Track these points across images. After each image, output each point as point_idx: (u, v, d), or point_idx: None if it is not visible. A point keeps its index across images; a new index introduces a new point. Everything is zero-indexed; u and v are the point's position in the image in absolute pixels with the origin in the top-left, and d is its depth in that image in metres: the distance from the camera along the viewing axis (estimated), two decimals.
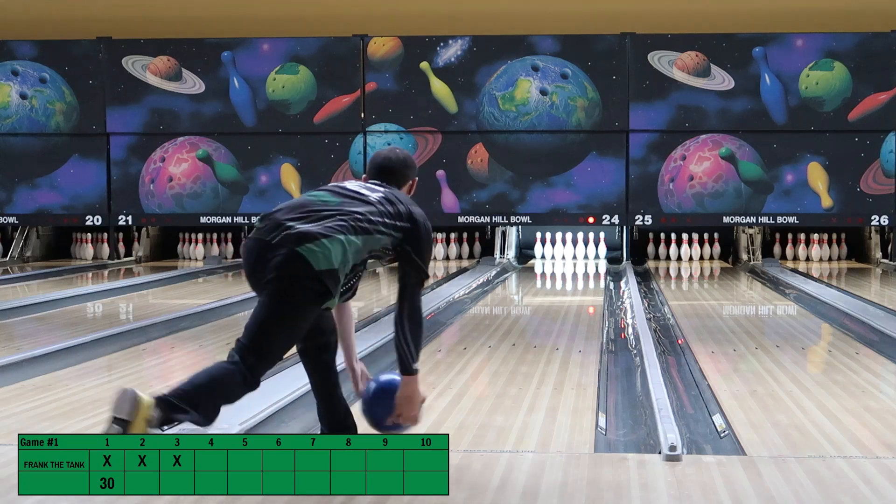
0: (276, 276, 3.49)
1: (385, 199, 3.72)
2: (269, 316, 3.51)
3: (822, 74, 12.88)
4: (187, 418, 3.35)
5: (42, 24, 13.84)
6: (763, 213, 13.04)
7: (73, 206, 13.67)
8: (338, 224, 3.56)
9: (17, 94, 13.67)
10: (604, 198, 13.16)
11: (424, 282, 3.79)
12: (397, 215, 3.70)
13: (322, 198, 3.69)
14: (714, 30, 13.03)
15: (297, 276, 3.49)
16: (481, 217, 13.32)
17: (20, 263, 13.73)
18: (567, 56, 13.08)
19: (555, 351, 6.53)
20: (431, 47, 13.13)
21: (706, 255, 13.87)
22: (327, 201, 3.67)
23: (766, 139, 12.97)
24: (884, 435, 4.31)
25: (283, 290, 3.49)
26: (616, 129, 13.10)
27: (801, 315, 8.58)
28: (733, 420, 4.58)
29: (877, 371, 5.90)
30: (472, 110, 13.13)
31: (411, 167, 4.05)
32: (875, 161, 12.90)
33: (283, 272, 3.49)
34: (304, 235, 3.50)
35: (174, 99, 13.48)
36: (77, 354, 6.21)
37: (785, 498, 3.42)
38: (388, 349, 6.39)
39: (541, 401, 5.00)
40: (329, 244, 3.50)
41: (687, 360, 6.25)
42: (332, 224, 3.55)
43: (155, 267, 13.22)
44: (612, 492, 3.48)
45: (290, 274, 3.49)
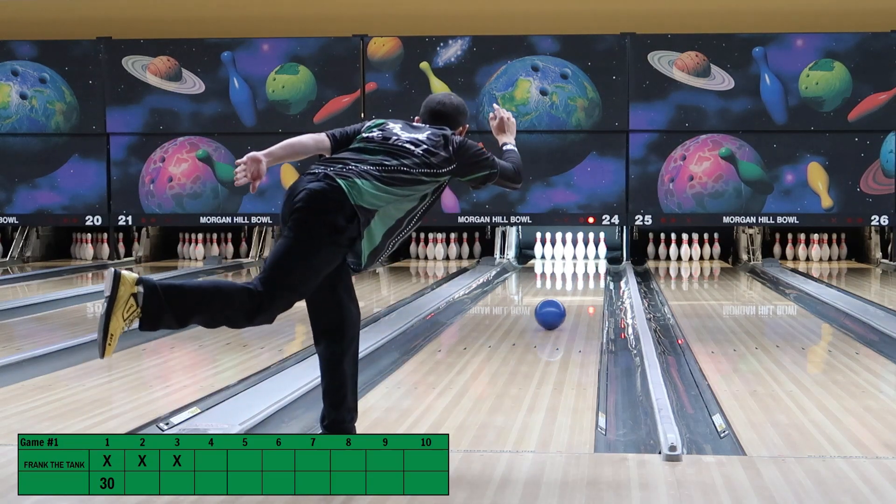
0: (300, 206, 3.61)
1: (428, 152, 3.84)
2: (284, 246, 3.61)
3: (822, 74, 12.88)
4: (169, 312, 3.44)
5: (42, 24, 13.84)
6: (763, 213, 13.04)
7: (73, 206, 13.67)
8: (372, 171, 3.71)
9: (17, 94, 13.67)
10: (604, 198, 13.16)
11: (495, 175, 4.09)
12: (440, 163, 3.85)
13: (367, 149, 3.83)
14: (714, 30, 13.03)
15: (319, 210, 3.60)
16: (481, 217, 13.32)
17: (20, 263, 13.73)
18: (567, 56, 13.08)
19: (555, 351, 6.53)
20: (431, 47, 13.13)
21: (706, 255, 13.87)
22: (367, 155, 3.81)
23: (766, 139, 12.98)
24: (884, 435, 4.31)
25: (301, 221, 3.60)
26: (616, 129, 13.10)
27: (801, 315, 8.58)
28: (733, 420, 4.58)
29: (877, 371, 5.90)
30: (472, 110, 13.13)
31: (463, 113, 4.16)
32: (875, 161, 12.90)
33: (307, 203, 3.61)
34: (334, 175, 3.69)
35: (174, 99, 13.48)
36: (77, 354, 6.21)
37: (785, 498, 3.42)
38: (389, 349, 6.42)
39: (541, 401, 5.00)
40: (360, 183, 3.65)
41: (687, 360, 6.24)
42: (367, 169, 3.72)
43: (155, 267, 13.22)
44: (612, 492, 3.48)
45: (312, 206, 3.60)
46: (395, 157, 3.77)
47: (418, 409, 4.84)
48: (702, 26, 13.10)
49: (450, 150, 3.87)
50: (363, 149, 3.83)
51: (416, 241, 14.05)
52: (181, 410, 4.69)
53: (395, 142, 3.83)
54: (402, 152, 3.79)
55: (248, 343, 6.84)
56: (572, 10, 13.36)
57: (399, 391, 5.27)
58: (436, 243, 13.97)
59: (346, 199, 3.60)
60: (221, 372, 5.85)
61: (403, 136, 3.87)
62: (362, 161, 3.74)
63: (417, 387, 5.38)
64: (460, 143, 3.93)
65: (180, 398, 5.06)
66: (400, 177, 3.72)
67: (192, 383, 5.50)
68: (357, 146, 3.86)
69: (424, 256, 13.96)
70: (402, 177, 3.73)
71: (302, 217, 3.60)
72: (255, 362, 6.06)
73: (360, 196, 3.63)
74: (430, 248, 13.97)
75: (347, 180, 3.64)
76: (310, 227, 3.58)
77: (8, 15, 13.90)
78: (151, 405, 4.93)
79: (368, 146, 3.84)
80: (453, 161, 3.86)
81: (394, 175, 3.71)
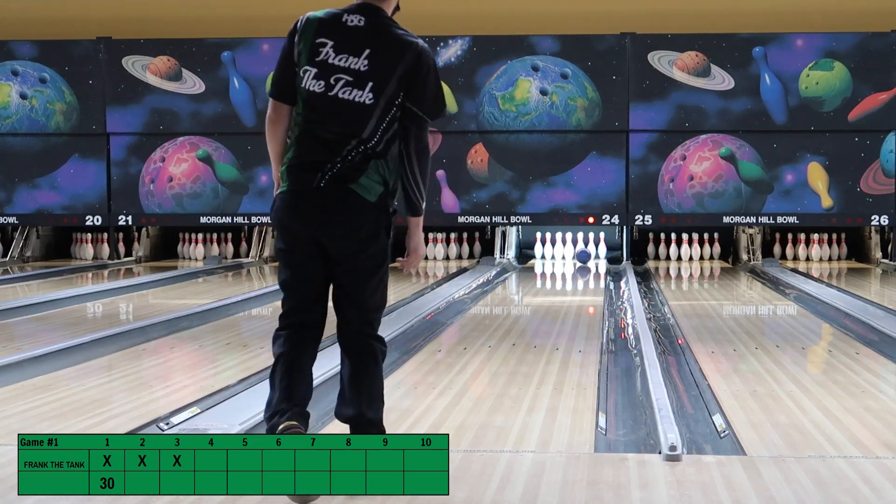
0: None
1: (378, 91, 3.48)
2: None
3: (822, 74, 12.88)
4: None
5: (42, 24, 13.84)
6: (763, 213, 13.04)
7: (73, 206, 13.68)
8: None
9: (17, 94, 13.67)
10: (604, 198, 13.16)
11: (427, 124, 3.60)
12: (390, 98, 3.50)
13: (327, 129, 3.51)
14: (714, 30, 13.03)
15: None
16: (481, 217, 13.32)
17: (20, 263, 13.73)
18: (567, 56, 13.08)
19: (555, 351, 6.53)
20: (431, 47, 13.05)
21: (706, 255, 13.87)
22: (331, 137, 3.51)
23: (766, 139, 12.98)
24: (884, 435, 4.31)
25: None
26: (616, 129, 13.10)
27: (801, 315, 8.58)
28: (733, 420, 4.58)
29: (877, 371, 5.90)
30: (472, 110, 13.13)
31: None
32: (875, 161, 12.90)
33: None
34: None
35: (174, 99, 13.48)
36: (77, 354, 6.21)
37: (785, 498, 3.42)
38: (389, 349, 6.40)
39: (541, 401, 5.00)
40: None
41: (687, 360, 6.24)
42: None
43: (155, 267, 13.22)
44: (612, 492, 3.48)
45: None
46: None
47: (418, 409, 4.84)
48: (702, 26, 13.10)
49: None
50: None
51: None
52: (181, 410, 4.69)
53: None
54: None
55: (248, 343, 6.84)
56: (572, 10, 13.36)
57: (399, 391, 5.27)
58: (436, 243, 13.98)
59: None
60: (221, 372, 5.85)
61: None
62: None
63: (417, 387, 5.38)
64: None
65: (180, 398, 5.06)
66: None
67: (192, 383, 5.50)
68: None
69: (424, 256, 13.95)
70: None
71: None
72: (255, 362, 6.06)
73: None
74: (430, 248, 13.97)
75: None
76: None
77: (8, 15, 13.89)
78: (151, 405, 4.93)
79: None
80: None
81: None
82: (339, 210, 3.49)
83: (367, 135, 3.49)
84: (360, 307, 3.58)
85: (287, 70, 3.57)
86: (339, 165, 3.49)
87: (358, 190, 3.50)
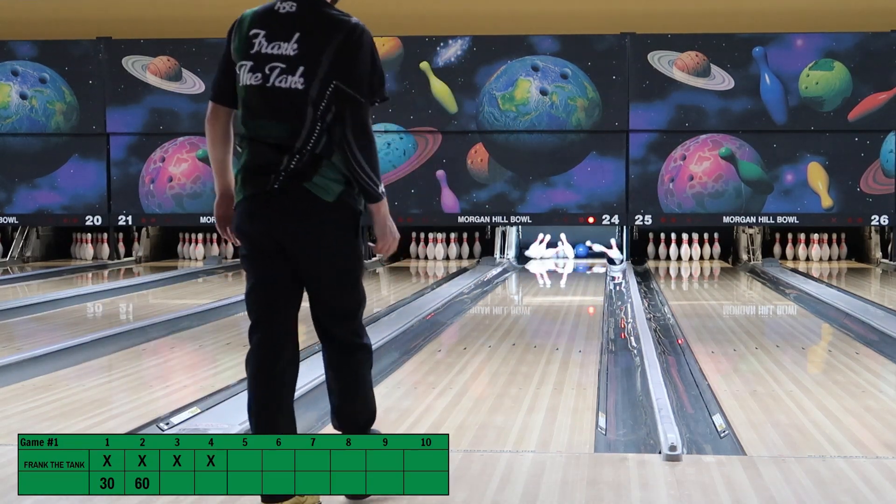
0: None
1: (309, 74, 3.28)
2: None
3: (822, 74, 12.88)
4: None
5: (42, 24, 13.84)
6: (763, 213, 13.04)
7: (73, 206, 13.68)
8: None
9: (17, 94, 13.67)
10: (604, 198, 13.16)
11: (367, 106, 3.33)
12: (323, 80, 3.28)
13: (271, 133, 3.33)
14: (714, 30, 13.03)
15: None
16: (481, 217, 13.32)
17: (20, 263, 13.73)
18: (567, 56, 13.08)
19: (555, 351, 6.53)
20: (431, 47, 13.13)
21: (706, 255, 13.87)
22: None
23: (766, 139, 12.98)
24: (884, 435, 4.31)
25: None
26: (616, 129, 13.10)
27: (801, 315, 8.58)
28: (733, 420, 4.58)
29: (877, 371, 5.90)
30: (472, 110, 13.13)
31: None
32: (875, 161, 12.90)
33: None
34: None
35: (174, 99, 13.48)
36: (77, 354, 6.21)
37: (785, 498, 3.42)
38: (389, 349, 6.42)
39: (541, 401, 5.00)
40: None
41: (687, 360, 6.24)
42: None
43: (155, 267, 13.22)
44: (612, 492, 3.48)
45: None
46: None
47: (418, 409, 4.84)
48: (702, 26, 13.10)
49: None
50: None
51: (416, 241, 14.05)
52: (181, 410, 4.69)
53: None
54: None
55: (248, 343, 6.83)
56: (572, 10, 13.36)
57: (399, 391, 5.27)
58: (436, 243, 13.97)
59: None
60: (221, 372, 5.85)
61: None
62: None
63: (417, 387, 5.38)
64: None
65: (180, 398, 5.06)
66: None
67: (192, 383, 5.50)
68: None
69: (424, 256, 13.96)
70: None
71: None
72: None
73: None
74: (430, 248, 13.97)
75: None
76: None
77: (8, 15, 13.90)
78: (151, 405, 4.93)
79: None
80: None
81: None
82: (294, 212, 3.29)
83: (308, 124, 3.27)
84: (331, 314, 3.41)
85: (225, 70, 3.41)
86: (292, 165, 3.28)
87: (313, 189, 3.29)
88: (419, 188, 13.27)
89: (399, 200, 13.19)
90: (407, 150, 13.25)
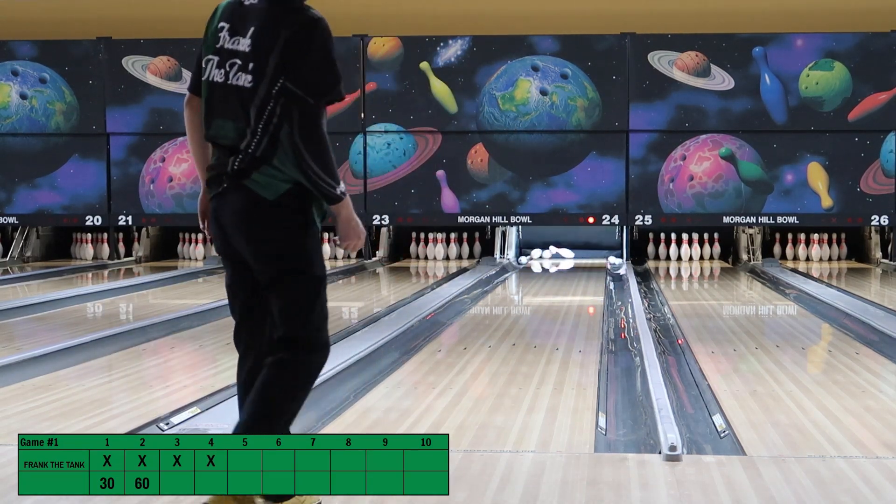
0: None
1: (258, 72, 3.14)
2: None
3: (822, 74, 12.88)
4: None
5: (42, 24, 13.84)
6: (763, 213, 13.04)
7: (73, 206, 13.67)
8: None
9: (17, 94, 13.66)
10: (604, 198, 13.16)
11: (320, 106, 3.14)
12: (272, 78, 3.12)
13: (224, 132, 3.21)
14: (714, 30, 13.03)
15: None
16: (481, 217, 13.32)
17: (20, 263, 13.73)
18: (567, 56, 13.08)
19: (555, 351, 6.53)
20: (431, 47, 13.13)
21: (706, 255, 13.87)
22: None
23: (766, 139, 12.97)
24: (884, 435, 4.31)
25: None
26: (616, 129, 13.10)
27: (801, 315, 8.58)
28: (733, 420, 4.58)
29: (877, 371, 5.90)
30: (472, 110, 13.13)
31: None
32: (875, 161, 12.90)
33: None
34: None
35: (174, 99, 13.47)
36: (77, 354, 6.21)
37: (785, 498, 3.42)
38: (389, 349, 6.42)
39: (541, 401, 5.00)
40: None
41: (687, 360, 6.25)
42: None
43: (155, 267, 13.22)
44: (612, 492, 3.48)
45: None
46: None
47: (418, 409, 4.84)
48: (702, 26, 13.10)
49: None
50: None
51: (416, 241, 14.05)
52: (181, 410, 4.69)
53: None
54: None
55: None
56: (572, 10, 13.36)
57: (399, 391, 5.27)
58: (436, 243, 13.97)
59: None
60: (221, 372, 5.85)
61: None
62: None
63: (417, 387, 5.38)
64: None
65: (180, 398, 5.06)
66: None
67: (192, 383, 5.50)
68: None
69: (424, 256, 13.96)
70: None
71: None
72: None
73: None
74: (430, 248, 13.97)
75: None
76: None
77: (8, 15, 13.90)
78: (151, 405, 4.93)
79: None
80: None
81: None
82: (235, 213, 3.16)
83: (252, 124, 3.11)
84: (281, 323, 3.23)
85: (200, 62, 3.33)
86: (234, 166, 3.14)
87: (252, 187, 3.13)
88: (419, 188, 13.27)
89: (399, 200, 13.20)
90: (407, 151, 13.25)
